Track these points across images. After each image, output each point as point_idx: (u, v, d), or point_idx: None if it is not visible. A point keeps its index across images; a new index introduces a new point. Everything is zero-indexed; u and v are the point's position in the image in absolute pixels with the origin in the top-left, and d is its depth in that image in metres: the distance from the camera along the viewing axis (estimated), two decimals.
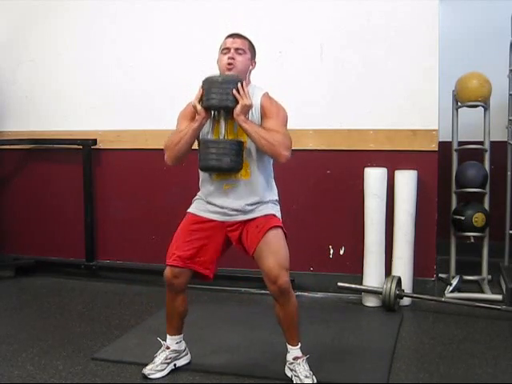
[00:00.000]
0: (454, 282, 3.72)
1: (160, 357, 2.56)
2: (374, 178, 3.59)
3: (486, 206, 3.94)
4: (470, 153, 4.04)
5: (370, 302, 3.60)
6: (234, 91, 2.32)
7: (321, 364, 2.59)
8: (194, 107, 2.39)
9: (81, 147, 4.20)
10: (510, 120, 4.01)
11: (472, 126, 4.14)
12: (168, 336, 2.59)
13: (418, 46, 3.63)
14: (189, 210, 2.56)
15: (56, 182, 4.38)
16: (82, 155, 4.20)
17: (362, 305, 3.63)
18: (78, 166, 4.24)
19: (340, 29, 3.75)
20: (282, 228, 2.47)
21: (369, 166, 3.65)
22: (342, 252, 3.84)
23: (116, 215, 4.27)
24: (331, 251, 3.85)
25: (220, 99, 2.32)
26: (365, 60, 3.72)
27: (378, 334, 3.18)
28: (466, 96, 3.87)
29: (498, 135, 4.15)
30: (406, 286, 3.56)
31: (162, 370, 2.55)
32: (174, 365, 2.59)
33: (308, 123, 3.82)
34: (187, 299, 2.55)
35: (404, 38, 3.64)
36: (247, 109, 2.35)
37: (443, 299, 3.49)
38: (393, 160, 3.67)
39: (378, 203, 3.57)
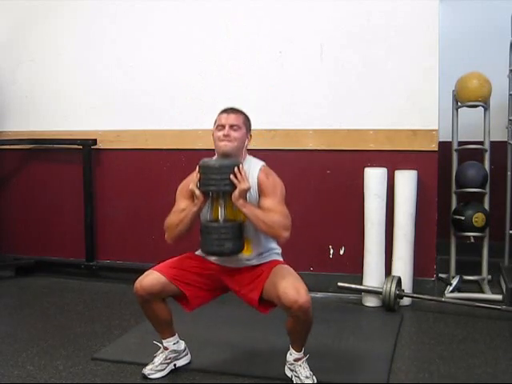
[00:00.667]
0: (454, 282, 3.72)
1: (160, 357, 2.56)
2: (374, 177, 3.59)
3: (486, 206, 3.94)
4: (470, 153, 4.04)
5: (370, 302, 3.60)
6: (232, 176, 2.31)
7: (321, 364, 2.58)
8: (192, 191, 2.38)
9: (81, 147, 4.20)
10: (510, 120, 4.01)
11: (472, 125, 4.14)
12: (163, 340, 2.59)
13: (417, 46, 3.63)
14: (191, 252, 2.59)
15: (56, 182, 4.38)
16: (82, 155, 4.20)
17: (362, 305, 3.63)
18: (78, 166, 4.24)
19: (340, 29, 3.75)
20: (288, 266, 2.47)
21: (369, 166, 3.65)
22: (341, 252, 3.84)
23: (116, 215, 4.27)
24: (331, 251, 3.85)
25: (218, 184, 2.32)
26: (365, 60, 3.72)
27: (378, 333, 3.18)
28: (466, 96, 3.87)
29: (498, 135, 4.15)
30: (406, 286, 3.56)
31: (162, 370, 2.55)
32: (174, 365, 2.59)
33: (308, 123, 3.82)
34: (166, 304, 2.51)
35: (404, 38, 3.64)
36: (245, 192, 2.34)
37: (443, 299, 3.49)
38: (393, 160, 3.67)
39: (378, 203, 3.57)
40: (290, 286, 2.28)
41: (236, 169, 2.32)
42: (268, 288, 2.38)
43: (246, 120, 2.50)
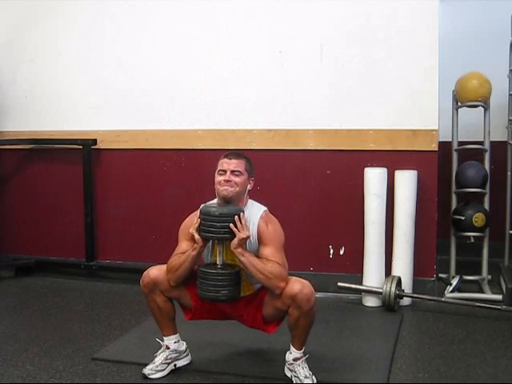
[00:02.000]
0: (454, 282, 3.72)
1: (160, 357, 2.56)
2: (374, 178, 3.59)
3: (486, 206, 3.94)
4: (470, 153, 4.04)
5: (370, 301, 3.60)
6: (231, 225, 2.31)
7: (321, 364, 2.59)
8: (192, 236, 2.39)
9: (81, 147, 4.20)
10: (510, 120, 4.01)
11: (472, 125, 4.14)
12: (164, 338, 2.59)
13: (418, 46, 3.63)
14: None
15: (56, 182, 4.38)
16: (82, 155, 4.20)
17: (362, 305, 3.63)
18: (77, 166, 4.24)
19: (340, 29, 3.75)
20: None
21: (369, 166, 3.65)
22: (342, 252, 3.84)
23: (116, 215, 4.27)
24: (331, 251, 3.85)
25: (217, 232, 2.33)
26: (365, 60, 3.72)
27: (378, 333, 3.18)
28: (466, 96, 3.87)
29: (498, 135, 4.15)
30: (406, 286, 3.56)
31: (163, 370, 2.55)
32: (175, 365, 2.59)
33: (308, 123, 3.82)
34: (171, 300, 2.53)
35: (404, 38, 3.65)
36: (244, 241, 2.35)
37: (443, 299, 3.49)
38: (393, 160, 3.67)
39: (378, 203, 3.57)
40: (293, 280, 2.33)
41: (236, 217, 2.32)
42: (268, 300, 2.40)
43: (248, 165, 2.50)
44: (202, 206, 2.43)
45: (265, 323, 2.47)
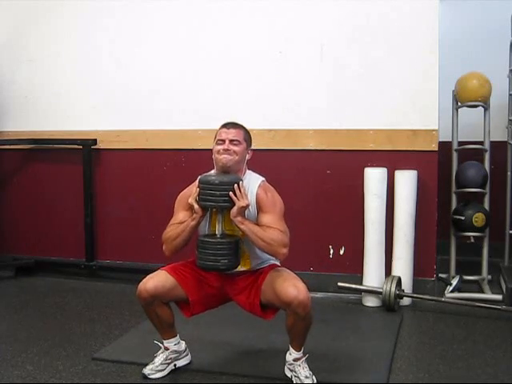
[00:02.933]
0: (454, 282, 3.72)
1: (160, 357, 2.56)
2: (374, 178, 3.59)
3: (486, 206, 3.94)
4: (470, 153, 4.04)
5: (370, 301, 3.60)
6: (231, 193, 2.31)
7: (321, 364, 2.59)
8: (191, 205, 2.38)
9: (81, 147, 4.20)
10: (510, 120, 4.01)
11: (472, 125, 4.14)
12: (164, 341, 2.59)
13: (417, 46, 3.63)
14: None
15: (56, 182, 4.38)
16: (82, 155, 4.20)
17: (362, 305, 3.63)
18: (77, 166, 4.24)
19: (340, 29, 3.75)
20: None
21: (369, 166, 3.65)
22: (342, 252, 3.84)
23: (116, 215, 4.27)
24: (331, 251, 3.85)
25: (216, 201, 2.33)
26: (365, 60, 3.72)
27: (378, 333, 3.18)
28: (466, 96, 3.87)
29: (498, 135, 4.15)
30: (406, 286, 3.56)
31: (162, 370, 2.55)
32: (174, 365, 2.59)
33: (308, 123, 3.82)
34: (169, 306, 2.50)
35: (404, 37, 3.64)
36: (243, 210, 2.34)
37: (443, 299, 3.49)
38: (393, 160, 3.67)
39: (378, 203, 3.57)
40: (289, 284, 2.29)
41: (235, 186, 2.32)
42: (266, 289, 2.38)
43: (247, 135, 2.51)
44: (200, 175, 2.41)
45: (262, 310, 2.44)
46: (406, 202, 3.58)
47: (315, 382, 2.41)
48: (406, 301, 3.57)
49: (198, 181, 2.39)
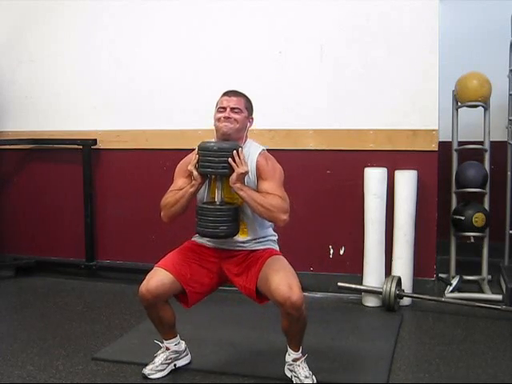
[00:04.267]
0: (454, 282, 3.72)
1: (160, 357, 2.56)
2: (374, 178, 3.59)
3: (486, 206, 3.94)
4: (470, 153, 4.04)
5: (370, 301, 3.60)
6: (230, 160, 2.31)
7: (321, 364, 2.59)
8: (190, 172, 2.38)
9: (81, 147, 4.20)
10: (510, 120, 4.01)
11: (472, 125, 4.14)
12: (164, 341, 2.59)
13: (417, 46, 3.63)
14: (189, 240, 2.59)
15: (56, 182, 4.38)
16: (82, 155, 4.20)
17: (362, 305, 3.63)
18: (77, 166, 4.24)
19: (340, 29, 3.75)
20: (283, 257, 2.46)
21: (369, 166, 3.65)
22: (341, 252, 3.84)
23: (116, 215, 4.27)
24: (331, 251, 3.86)
25: (216, 167, 2.33)
26: (365, 60, 3.71)
27: (378, 333, 3.18)
28: (466, 96, 3.87)
29: (498, 135, 4.15)
30: (406, 286, 3.56)
31: (162, 370, 2.55)
32: (174, 365, 2.60)
33: (308, 123, 3.82)
34: (171, 306, 2.49)
35: (404, 37, 3.64)
36: (243, 176, 2.34)
37: (443, 299, 3.49)
38: (393, 160, 3.67)
39: (378, 203, 3.57)
40: (283, 282, 2.27)
41: (235, 152, 2.32)
42: (261, 281, 2.36)
43: (248, 103, 2.51)
44: (200, 142, 2.40)
45: (257, 296, 2.43)
46: (405, 202, 3.58)
47: (315, 381, 2.41)
48: (406, 301, 3.56)
49: (197, 148, 2.39)
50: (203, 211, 2.37)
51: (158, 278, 2.40)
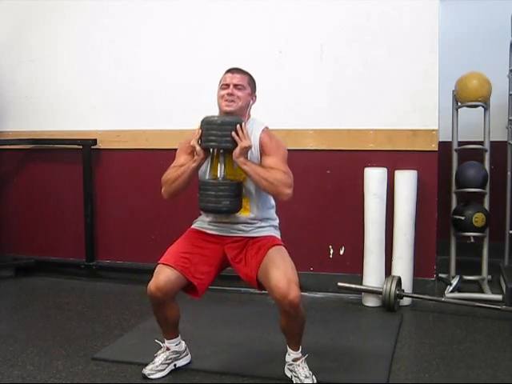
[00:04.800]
0: (454, 282, 3.72)
1: (160, 357, 2.56)
2: (374, 178, 3.59)
3: (486, 206, 3.94)
4: (470, 153, 4.04)
5: (370, 302, 3.60)
6: (233, 133, 2.31)
7: (321, 364, 2.59)
8: (193, 147, 2.38)
9: (81, 147, 4.20)
10: (510, 120, 4.01)
11: (472, 125, 4.14)
12: (165, 340, 2.59)
13: (418, 46, 3.63)
14: (190, 228, 2.57)
15: (56, 182, 4.38)
16: (82, 155, 4.20)
17: (361, 305, 3.63)
18: (77, 165, 4.24)
19: (340, 29, 3.75)
20: (284, 247, 2.45)
21: (369, 166, 3.65)
22: (341, 252, 3.84)
23: (116, 215, 4.27)
24: (331, 251, 3.85)
25: (219, 141, 2.32)
26: (365, 60, 3.72)
27: (378, 333, 3.18)
28: (466, 96, 3.87)
29: (498, 135, 4.15)
30: (406, 286, 3.56)
31: (162, 370, 2.55)
32: (174, 365, 2.59)
33: (308, 123, 3.82)
34: (177, 304, 2.49)
35: (404, 37, 3.65)
36: (246, 150, 2.34)
37: (443, 299, 3.49)
38: (393, 160, 3.67)
39: (377, 203, 3.57)
40: (282, 279, 2.26)
41: (238, 126, 2.32)
42: (262, 272, 2.35)
43: (251, 80, 2.51)
44: (203, 117, 2.40)
45: (258, 284, 2.42)
46: (405, 202, 3.58)
47: (315, 381, 2.41)
48: (405, 301, 3.56)
49: (200, 122, 2.38)
50: (205, 186, 2.36)
51: (165, 274, 2.39)
